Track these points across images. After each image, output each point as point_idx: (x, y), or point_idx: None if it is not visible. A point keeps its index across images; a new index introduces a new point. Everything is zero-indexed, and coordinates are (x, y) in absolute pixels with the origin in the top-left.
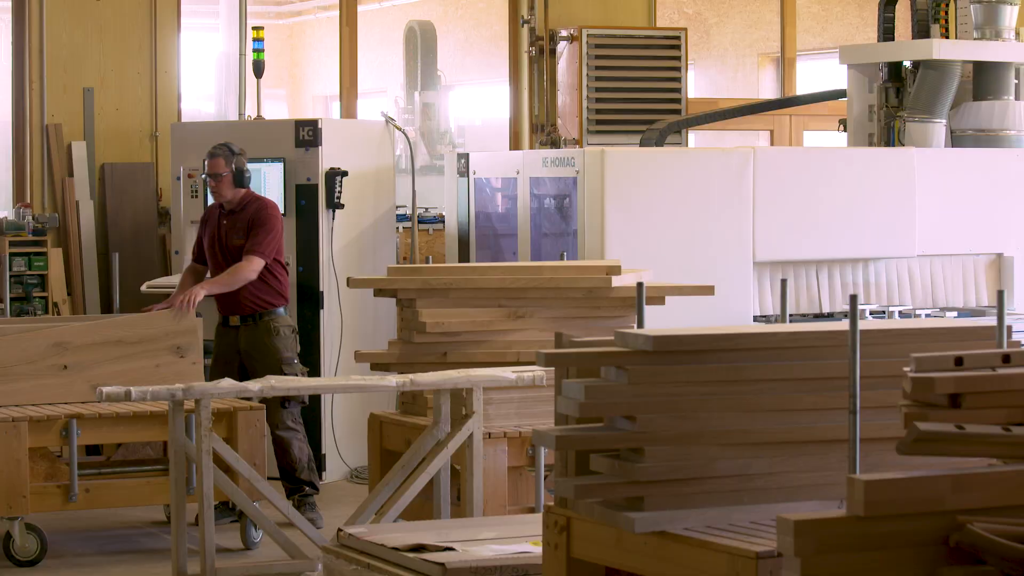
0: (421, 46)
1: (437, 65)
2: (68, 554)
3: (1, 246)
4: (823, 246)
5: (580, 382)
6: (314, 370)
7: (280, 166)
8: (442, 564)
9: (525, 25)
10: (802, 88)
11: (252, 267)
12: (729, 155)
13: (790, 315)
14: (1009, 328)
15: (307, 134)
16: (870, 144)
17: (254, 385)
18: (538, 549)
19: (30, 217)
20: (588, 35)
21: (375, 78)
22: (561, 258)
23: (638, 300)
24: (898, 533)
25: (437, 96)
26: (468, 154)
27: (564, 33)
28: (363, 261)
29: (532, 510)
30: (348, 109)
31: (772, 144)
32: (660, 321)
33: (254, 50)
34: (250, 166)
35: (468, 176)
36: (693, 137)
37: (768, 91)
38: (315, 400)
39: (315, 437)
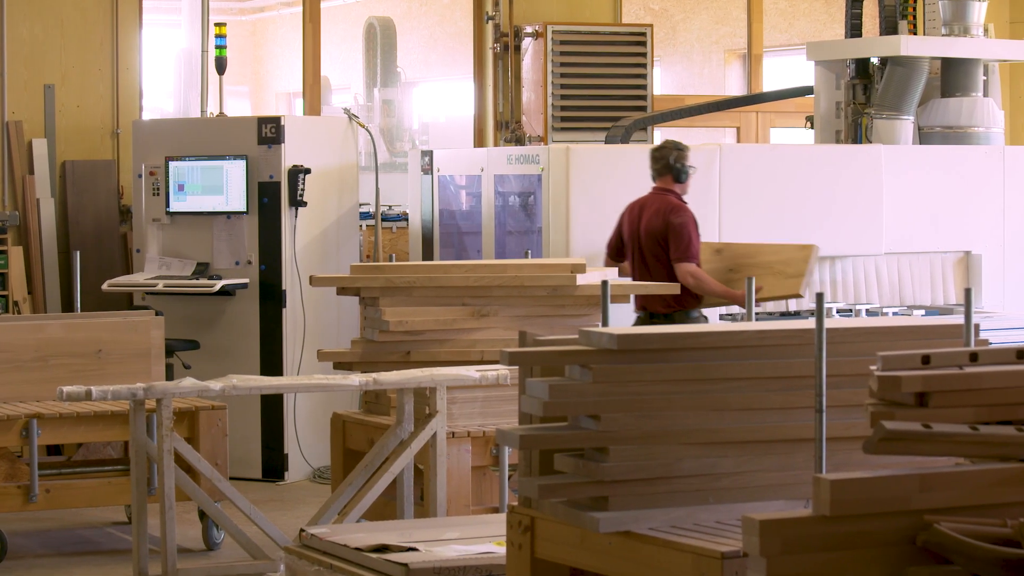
0: (381, 43)
1: (397, 62)
2: (28, 555)
3: None
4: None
5: (544, 381)
6: (276, 369)
7: (243, 163)
8: (405, 565)
9: (490, 21)
10: (769, 85)
11: None
12: (695, 152)
13: (756, 313)
14: (976, 326)
15: (269, 131)
16: (837, 141)
17: (215, 384)
18: (502, 549)
19: None
20: (553, 31)
21: (339, 74)
22: (526, 256)
23: (603, 298)
24: (865, 533)
25: (397, 93)
26: (432, 151)
27: (529, 29)
28: (326, 259)
29: (496, 510)
30: (311, 106)
31: (738, 141)
32: (625, 320)
33: (216, 47)
34: (211, 163)
35: (432, 173)
36: (659, 134)
37: (734, 88)
38: (277, 400)
39: (278, 437)
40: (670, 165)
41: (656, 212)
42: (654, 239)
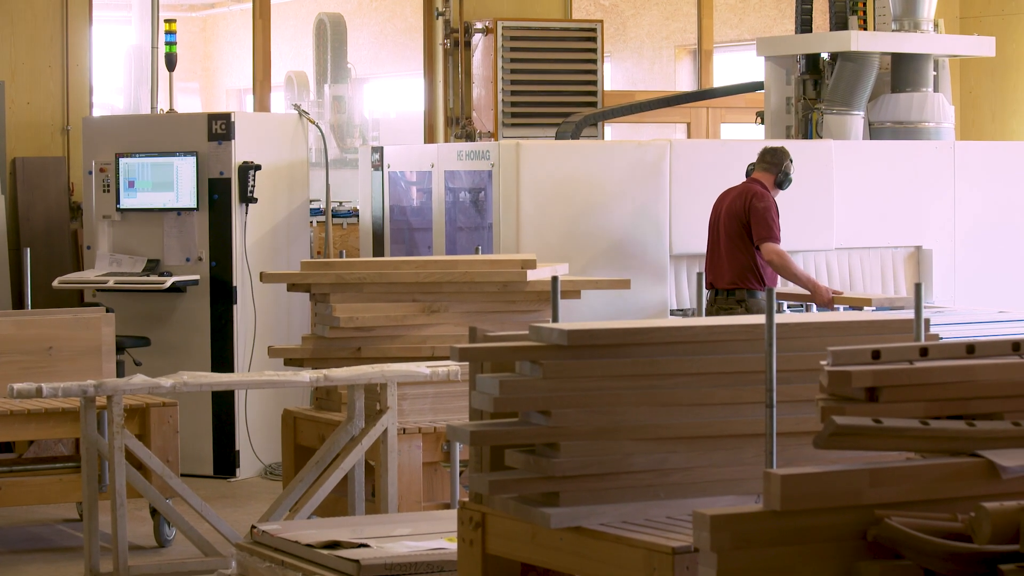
0: (331, 39)
1: (347, 58)
2: None
3: None
4: None
5: (494, 377)
6: (227, 366)
7: (193, 160)
8: (357, 561)
9: (440, 17)
10: (719, 80)
11: None
12: (645, 148)
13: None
14: (927, 321)
15: (220, 127)
16: (788, 136)
17: (166, 381)
18: (453, 545)
19: None
20: (503, 27)
21: (289, 70)
22: (476, 252)
23: (553, 294)
24: (815, 528)
25: (347, 89)
26: (382, 147)
27: (479, 25)
28: (277, 256)
29: (447, 506)
30: (261, 102)
31: (689, 137)
32: (576, 315)
33: (166, 43)
34: (161, 160)
35: (382, 170)
36: (609, 130)
37: (685, 83)
38: (228, 396)
39: (229, 433)
40: (781, 168)
41: (739, 195)
42: (733, 219)
